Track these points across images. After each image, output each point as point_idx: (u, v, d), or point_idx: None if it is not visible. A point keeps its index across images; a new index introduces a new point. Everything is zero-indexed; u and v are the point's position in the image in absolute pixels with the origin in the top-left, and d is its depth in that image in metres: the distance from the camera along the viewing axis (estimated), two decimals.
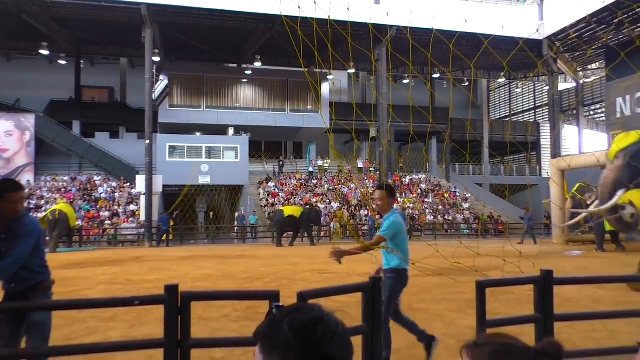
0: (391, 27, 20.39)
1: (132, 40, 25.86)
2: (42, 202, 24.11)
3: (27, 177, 26.31)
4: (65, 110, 30.67)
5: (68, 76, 31.39)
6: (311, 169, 30.90)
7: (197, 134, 29.00)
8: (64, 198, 24.35)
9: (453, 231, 26.79)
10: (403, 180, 31.66)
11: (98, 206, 24.92)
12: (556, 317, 3.79)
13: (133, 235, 23.37)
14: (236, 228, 25.30)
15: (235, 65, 31.01)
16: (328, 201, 27.29)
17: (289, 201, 26.46)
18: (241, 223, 24.59)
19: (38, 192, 25.23)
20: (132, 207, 24.92)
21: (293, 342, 0.91)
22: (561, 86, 34.13)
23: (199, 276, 10.09)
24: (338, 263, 4.14)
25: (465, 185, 31.01)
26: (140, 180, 22.63)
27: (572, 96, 34.06)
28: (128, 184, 26.60)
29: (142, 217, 22.41)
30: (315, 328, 0.93)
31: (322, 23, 8.71)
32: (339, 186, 29.50)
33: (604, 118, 29.66)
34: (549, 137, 31.85)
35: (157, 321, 4.18)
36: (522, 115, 40.65)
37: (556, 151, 26.64)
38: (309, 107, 30.60)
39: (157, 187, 22.82)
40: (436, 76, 33.33)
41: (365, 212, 25.81)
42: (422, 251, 8.11)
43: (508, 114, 41.78)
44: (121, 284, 9.14)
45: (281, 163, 30.89)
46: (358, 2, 15.03)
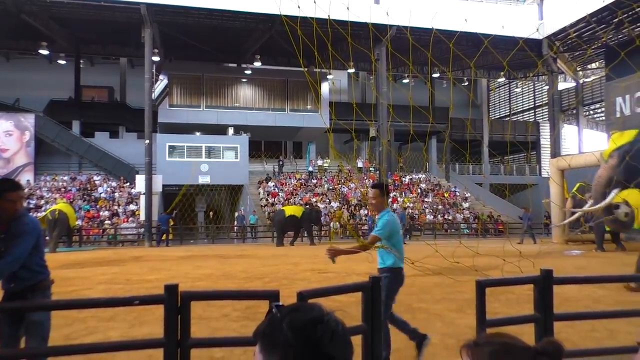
0: (391, 27, 20.39)
1: (132, 39, 25.88)
2: (42, 202, 24.10)
3: (27, 177, 26.31)
4: (64, 110, 30.66)
5: (67, 76, 31.38)
6: (311, 169, 30.90)
7: (197, 134, 28.99)
8: (64, 198, 24.35)
9: (453, 231, 26.81)
10: (403, 179, 31.67)
11: (98, 206, 24.92)
12: (556, 317, 3.79)
13: (133, 235, 23.38)
14: (236, 228, 25.31)
15: (234, 65, 31.00)
16: (328, 201, 27.29)
17: (289, 201, 26.45)
18: (241, 223, 24.60)
19: (38, 192, 25.22)
20: (132, 207, 24.92)
21: (293, 342, 0.91)
22: (561, 86, 34.13)
23: (199, 276, 10.10)
24: (332, 262, 4.16)
25: (465, 184, 31.03)
26: (139, 180, 22.65)
27: (572, 96, 34.08)
28: (128, 184, 26.60)
29: (142, 217, 22.42)
30: (315, 328, 0.93)
31: (322, 22, 8.72)
32: (339, 186, 29.51)
33: (604, 117, 29.66)
34: (549, 137, 31.85)
35: (157, 321, 4.18)
36: (522, 114, 40.66)
37: (556, 151, 26.65)
38: (309, 107, 30.59)
39: (157, 187, 22.83)
40: (436, 76, 33.32)
41: (365, 212, 25.82)
42: (422, 251, 8.11)
43: (508, 114, 41.79)
44: (121, 284, 9.14)
45: (281, 163, 30.90)
46: (358, 2, 15.01)
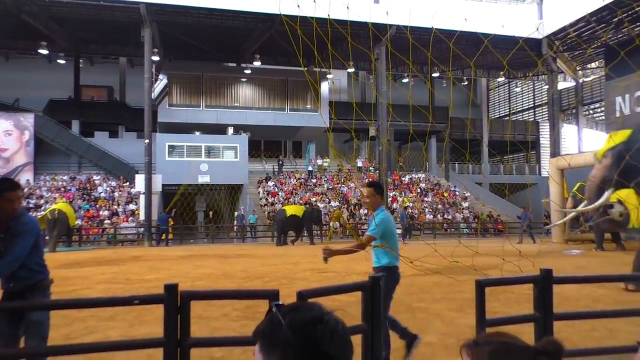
0: (391, 26, 20.38)
1: (131, 39, 25.86)
2: (42, 202, 24.10)
3: (27, 177, 26.30)
4: (64, 109, 30.64)
5: (67, 75, 31.35)
6: (310, 168, 30.90)
7: (197, 133, 28.98)
8: (63, 197, 24.35)
9: (452, 230, 26.83)
10: (402, 179, 31.67)
11: (97, 205, 24.91)
12: (555, 316, 3.79)
13: (132, 234, 23.38)
14: (236, 227, 25.31)
15: (234, 64, 30.97)
16: (327, 200, 27.30)
17: (289, 200, 26.45)
18: (240, 222, 24.61)
19: (37, 192, 25.21)
20: (132, 207, 24.92)
21: (293, 342, 0.90)
22: (560, 85, 34.13)
23: (199, 275, 10.10)
24: (324, 262, 4.16)
25: (464, 184, 31.05)
26: (139, 179, 22.65)
27: (572, 95, 34.10)
28: (127, 183, 26.59)
29: (142, 217, 22.42)
30: (315, 327, 0.92)
31: (322, 22, 8.71)
32: (339, 185, 29.51)
33: (604, 117, 29.67)
34: (549, 136, 31.86)
35: (157, 320, 4.18)
36: (522, 114, 40.67)
37: (556, 150, 26.68)
38: (309, 107, 30.57)
39: (157, 187, 22.82)
40: (436, 75, 33.31)
41: (364, 212, 25.82)
42: (421, 250, 8.11)
43: (507, 113, 41.80)
44: (121, 283, 9.15)
45: (280, 162, 30.89)
46: (358, 1, 14.99)
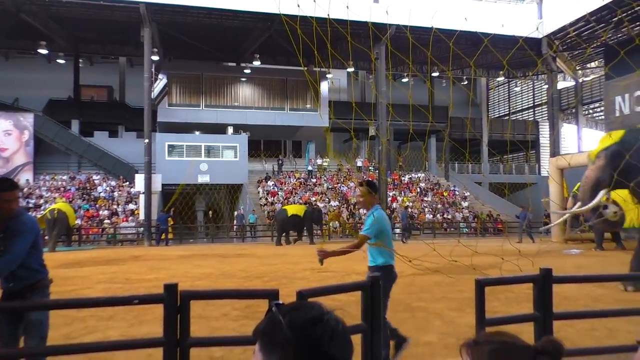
0: (390, 26, 20.38)
1: (131, 39, 25.84)
2: (41, 201, 24.09)
3: (26, 176, 26.28)
4: (64, 109, 30.61)
5: (67, 75, 31.33)
6: (310, 168, 30.89)
7: (196, 133, 28.97)
8: (63, 197, 24.33)
9: (452, 230, 26.84)
10: (402, 178, 31.68)
11: (97, 205, 24.90)
12: (555, 316, 3.79)
13: (132, 234, 23.38)
14: (235, 227, 25.31)
15: (234, 64, 30.96)
16: (327, 200, 27.29)
17: (288, 200, 26.45)
18: (240, 222, 24.61)
19: (37, 192, 25.19)
20: (131, 206, 24.91)
21: (292, 341, 0.90)
22: (560, 85, 34.12)
23: (198, 275, 10.10)
24: (320, 264, 4.13)
25: (464, 183, 31.05)
26: (139, 179, 22.65)
27: (571, 95, 34.10)
28: (127, 183, 26.57)
29: (141, 216, 22.42)
30: (314, 327, 0.92)
31: (322, 22, 8.70)
32: (338, 185, 29.51)
33: (603, 117, 29.67)
34: (548, 136, 31.86)
35: (157, 320, 4.18)
36: (522, 113, 40.67)
37: (555, 150, 26.68)
38: (308, 106, 30.57)
39: (156, 186, 22.81)
40: (435, 75, 33.30)
41: (364, 211, 25.78)
42: (420, 250, 8.11)
43: (507, 113, 41.79)
44: (120, 283, 9.14)
45: (280, 162, 30.89)
46: (357, 1, 14.97)
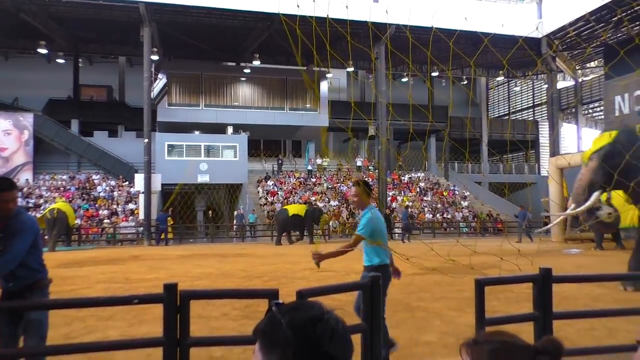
0: (390, 25, 20.38)
1: (131, 38, 25.83)
2: (41, 201, 24.08)
3: (26, 176, 26.28)
4: (63, 109, 30.60)
5: (66, 75, 31.32)
6: (310, 168, 30.88)
7: (196, 133, 28.96)
8: (63, 197, 24.33)
9: (452, 229, 26.85)
10: (402, 178, 31.68)
11: (97, 205, 24.90)
12: (555, 315, 3.78)
13: (132, 234, 23.38)
14: (235, 227, 25.31)
15: (233, 63, 30.95)
16: (327, 199, 27.29)
17: (288, 200, 26.45)
18: (240, 222, 24.60)
19: (37, 191, 25.18)
20: (131, 206, 24.90)
21: (292, 341, 0.90)
22: (560, 84, 34.12)
23: (198, 275, 10.09)
24: (317, 267, 4.10)
25: (464, 183, 31.05)
26: (139, 178, 22.64)
27: (571, 94, 34.10)
28: (127, 183, 26.57)
29: (141, 216, 22.41)
30: (314, 326, 0.92)
31: (321, 21, 8.70)
32: (338, 184, 29.50)
33: (603, 116, 29.67)
34: (548, 136, 31.86)
35: (156, 320, 4.18)
36: (521, 113, 40.66)
37: (555, 149, 26.68)
38: (308, 106, 30.56)
39: (156, 186, 22.81)
40: (435, 74, 33.28)
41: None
42: (418, 249, 8.11)
43: (507, 112, 41.78)
44: (120, 283, 9.14)
45: (280, 161, 30.87)
46: (357, 0, 14.96)
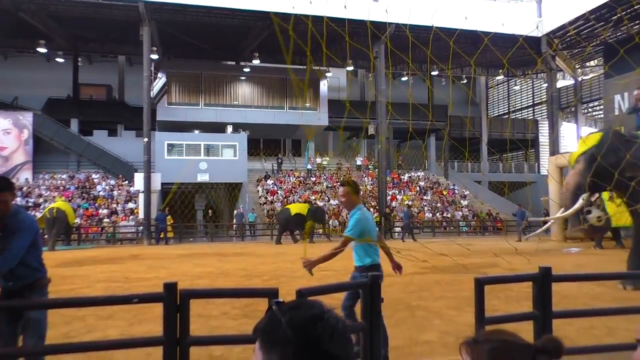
0: (390, 24, 20.37)
1: (130, 37, 25.80)
2: (41, 200, 24.08)
3: (25, 175, 26.28)
4: (63, 108, 30.59)
5: (66, 74, 31.29)
6: (310, 167, 30.87)
7: (196, 132, 28.95)
8: (62, 196, 24.31)
9: (452, 228, 26.86)
10: (402, 177, 31.68)
11: (96, 204, 24.90)
12: (555, 314, 3.78)
13: (132, 233, 23.38)
14: (235, 226, 25.31)
15: (233, 62, 30.93)
16: (327, 199, 27.29)
17: (288, 199, 26.44)
18: (240, 221, 24.60)
19: (36, 190, 25.18)
20: (131, 205, 24.90)
21: (292, 340, 0.90)
22: (560, 83, 34.09)
23: (198, 274, 10.09)
24: (310, 274, 4.03)
25: (463, 182, 31.07)
26: (138, 178, 22.64)
27: (571, 93, 34.05)
28: (126, 182, 26.56)
29: (141, 215, 22.41)
30: (315, 325, 0.92)
31: (321, 21, 8.70)
32: (338, 184, 29.46)
33: (603, 115, 29.66)
34: (548, 135, 31.86)
35: (156, 319, 4.18)
36: (521, 112, 40.66)
37: (555, 148, 26.67)
38: (308, 105, 30.56)
39: (156, 185, 22.81)
40: (435, 73, 33.28)
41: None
42: (415, 248, 8.11)
43: (507, 111, 41.77)
44: (120, 282, 9.14)
45: (280, 160, 30.86)
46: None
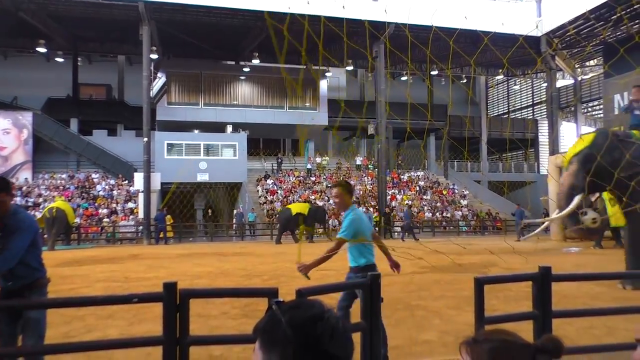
0: (389, 24, 20.37)
1: (130, 37, 25.78)
2: (40, 200, 24.07)
3: (25, 175, 26.27)
4: (62, 107, 30.57)
5: (65, 74, 31.27)
6: (309, 166, 30.86)
7: (195, 132, 28.94)
8: (62, 196, 24.29)
9: (451, 228, 26.87)
10: (401, 177, 31.68)
11: (96, 204, 24.89)
12: (554, 314, 3.78)
13: (131, 232, 23.38)
14: (234, 225, 25.31)
15: (233, 62, 30.93)
16: (327, 198, 27.27)
17: (287, 198, 26.44)
18: (239, 220, 24.60)
19: (36, 190, 25.17)
20: (131, 205, 24.90)
21: (292, 339, 0.90)
22: (559, 83, 34.09)
23: (198, 273, 10.10)
24: (307, 278, 4.02)
25: (463, 182, 31.08)
26: (138, 177, 22.64)
27: (571, 93, 34.05)
28: (126, 182, 26.56)
29: (141, 215, 22.42)
30: (315, 325, 0.92)
31: (320, 21, 8.70)
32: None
33: (602, 115, 29.66)
34: (548, 134, 31.86)
35: (156, 318, 4.18)
36: (521, 112, 40.65)
37: (554, 148, 26.67)
38: (307, 105, 30.55)
39: (155, 185, 22.81)
40: (434, 73, 33.27)
41: (362, 210, 25.82)
42: (412, 247, 8.10)
43: (506, 111, 41.77)
44: (119, 282, 9.14)
45: (279, 160, 30.85)
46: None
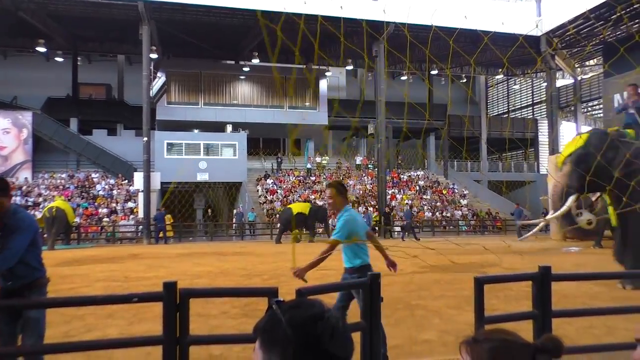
0: (389, 24, 20.37)
1: (130, 37, 25.78)
2: (40, 200, 24.07)
3: (25, 175, 26.26)
4: (62, 107, 30.55)
5: (65, 73, 31.25)
6: (309, 166, 30.86)
7: (195, 131, 28.94)
8: (62, 195, 24.28)
9: (451, 228, 26.88)
10: (401, 176, 31.69)
11: (96, 203, 24.89)
12: (554, 314, 3.78)
13: (131, 232, 23.38)
14: (234, 225, 25.31)
15: (232, 62, 30.93)
16: (326, 198, 27.31)
17: (287, 198, 26.44)
18: (239, 220, 24.61)
19: (36, 190, 25.17)
20: (130, 205, 24.90)
21: (293, 339, 0.90)
22: (559, 82, 34.10)
23: (198, 273, 10.09)
24: (304, 282, 3.96)
25: (463, 181, 31.09)
26: (138, 177, 22.64)
27: (570, 92, 34.07)
28: (126, 181, 26.55)
29: (140, 214, 22.42)
30: (315, 324, 0.92)
31: (318, 20, 8.68)
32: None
33: (602, 114, 29.67)
34: (547, 134, 31.87)
35: (156, 318, 4.18)
36: (520, 111, 40.66)
37: (554, 147, 26.67)
38: (307, 104, 30.55)
39: (155, 184, 22.81)
40: (434, 73, 33.28)
41: (362, 209, 25.83)
42: (410, 246, 8.11)
43: (506, 111, 41.77)
44: (119, 281, 9.14)
45: (279, 160, 30.85)
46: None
